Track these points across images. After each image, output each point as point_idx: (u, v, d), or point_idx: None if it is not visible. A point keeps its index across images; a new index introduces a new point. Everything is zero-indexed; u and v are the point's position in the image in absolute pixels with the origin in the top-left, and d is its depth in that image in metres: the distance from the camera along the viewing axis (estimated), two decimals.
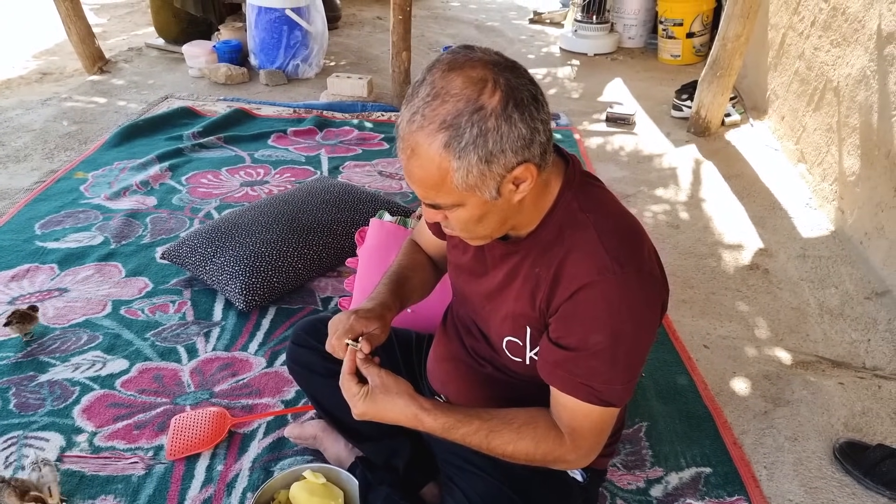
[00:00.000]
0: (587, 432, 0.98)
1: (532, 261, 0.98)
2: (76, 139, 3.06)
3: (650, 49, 4.73)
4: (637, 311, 0.92)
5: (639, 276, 0.91)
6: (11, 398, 1.60)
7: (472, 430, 0.99)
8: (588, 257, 0.92)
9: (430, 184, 0.86)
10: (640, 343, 0.96)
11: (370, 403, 0.99)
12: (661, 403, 1.67)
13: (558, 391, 0.98)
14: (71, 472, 1.42)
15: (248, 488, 1.40)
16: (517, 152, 0.84)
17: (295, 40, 3.85)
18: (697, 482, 1.46)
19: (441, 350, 1.27)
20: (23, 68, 4.00)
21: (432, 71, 0.85)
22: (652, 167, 3.03)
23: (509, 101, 0.81)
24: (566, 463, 1.01)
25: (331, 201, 2.27)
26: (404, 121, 0.85)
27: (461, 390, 1.21)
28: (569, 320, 0.94)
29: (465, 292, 1.15)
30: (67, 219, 2.37)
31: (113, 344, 1.79)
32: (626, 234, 0.95)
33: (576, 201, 0.96)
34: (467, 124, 0.81)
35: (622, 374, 0.95)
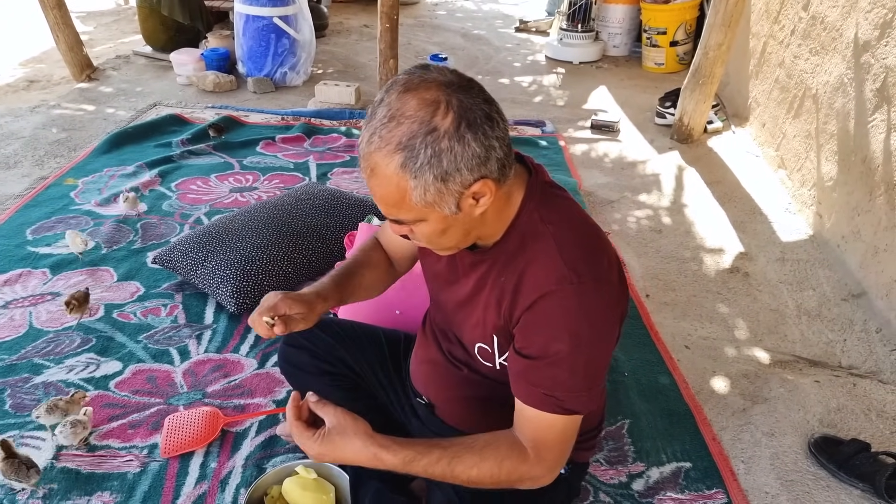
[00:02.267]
0: (551, 443, 0.99)
1: (498, 270, 1.01)
2: (66, 146, 3.08)
3: (634, 57, 4.83)
4: (595, 320, 0.95)
5: (596, 285, 0.94)
6: (7, 399, 1.62)
7: (433, 459, 0.97)
8: (546, 267, 0.94)
9: (390, 202, 0.90)
10: (600, 351, 0.98)
11: (327, 445, 0.97)
12: (643, 401, 1.72)
13: (522, 404, 0.99)
14: (67, 469, 1.44)
15: (242, 484, 1.43)
16: (472, 170, 0.86)
17: (283, 48, 3.89)
18: (678, 476, 1.51)
19: (421, 353, 1.30)
20: (9, 76, 4.00)
21: (389, 92, 0.87)
22: (636, 173, 3.10)
23: (462, 122, 0.84)
24: (532, 479, 1.01)
25: (320, 207, 2.30)
26: (364, 141, 0.88)
27: (441, 391, 1.25)
28: (529, 330, 0.97)
29: (440, 299, 1.18)
30: (58, 224, 2.39)
31: (106, 346, 1.81)
32: (585, 244, 0.98)
33: (537, 212, 0.98)
34: (421, 145, 0.84)
35: (583, 381, 0.96)
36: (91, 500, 1.38)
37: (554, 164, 3.07)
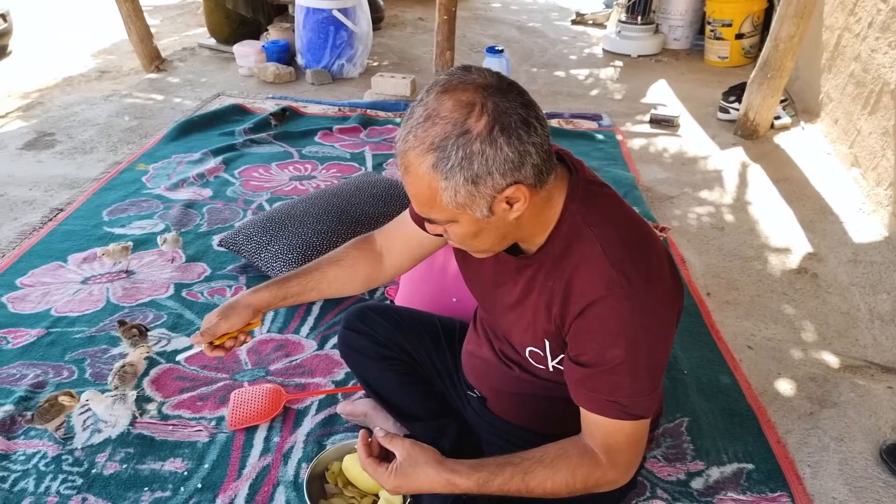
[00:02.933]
0: (623, 447, 0.98)
1: (545, 274, 0.99)
2: (137, 133, 3.22)
3: (696, 50, 4.69)
4: (650, 322, 0.93)
5: (648, 286, 0.92)
6: (87, 368, 1.72)
7: (506, 478, 0.97)
8: (594, 272, 0.92)
9: (422, 200, 0.89)
10: (658, 351, 0.96)
11: (401, 478, 0.98)
12: (702, 400, 1.68)
13: (587, 411, 0.99)
14: (143, 435, 1.53)
15: (303, 459, 1.47)
16: (505, 175, 0.85)
17: (341, 40, 3.96)
18: (739, 477, 1.48)
19: (472, 348, 1.30)
20: (83, 67, 4.21)
21: (429, 92, 0.87)
22: (696, 169, 3.02)
23: (495, 126, 0.83)
24: (608, 483, 1.00)
25: (377, 196, 2.34)
26: (400, 139, 0.88)
27: (493, 387, 1.25)
28: (583, 337, 0.95)
29: (486, 302, 1.17)
30: (132, 207, 2.51)
31: (176, 323, 1.90)
32: (633, 243, 0.95)
33: (580, 214, 0.96)
34: (453, 147, 0.83)
35: (645, 384, 0.95)
36: (164, 464, 1.46)
37: (611, 159, 3.03)
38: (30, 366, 1.73)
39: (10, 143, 3.08)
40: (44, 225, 2.39)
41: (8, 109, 3.52)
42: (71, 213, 2.46)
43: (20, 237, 2.32)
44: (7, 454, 1.47)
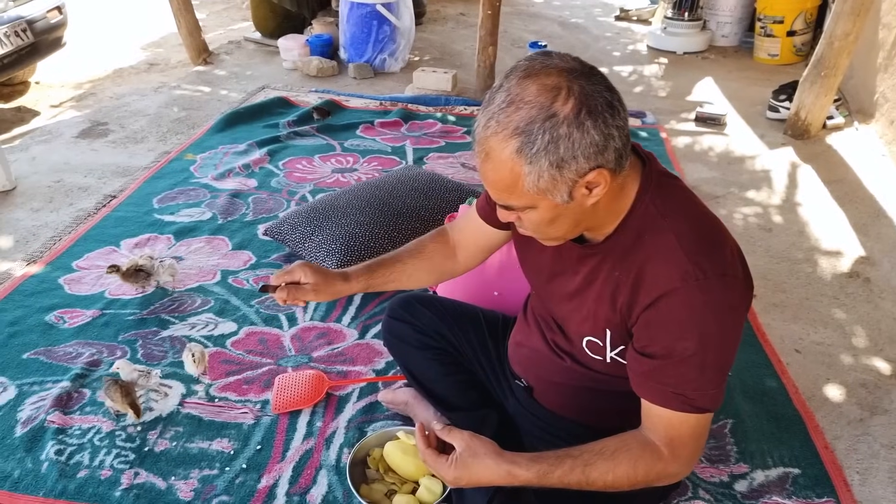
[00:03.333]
0: (687, 440, 0.97)
1: (611, 264, 0.99)
2: (185, 124, 3.31)
3: (745, 48, 4.58)
4: (722, 316, 0.92)
5: (722, 280, 0.91)
6: (139, 349, 1.79)
7: (566, 470, 0.97)
8: (668, 264, 0.92)
9: (502, 187, 0.90)
10: (728, 346, 0.95)
11: (461, 469, 1.00)
12: (748, 403, 1.65)
13: (650, 403, 0.98)
14: (191, 415, 1.58)
15: (345, 444, 1.51)
16: (589, 158, 0.85)
17: (383, 35, 3.99)
18: (785, 481, 1.45)
19: (521, 338, 1.30)
20: (133, 59, 4.34)
21: (509, 78, 0.87)
22: (743, 169, 2.95)
23: (582, 109, 0.83)
24: (670, 476, 1.00)
25: (419, 189, 2.36)
26: (480, 125, 0.88)
27: (541, 378, 1.25)
28: (652, 328, 0.95)
29: (543, 290, 1.17)
30: (180, 195, 2.58)
31: (223, 308, 1.95)
32: (707, 237, 0.94)
33: (653, 205, 0.95)
34: (539, 131, 0.83)
35: (713, 378, 0.94)
36: (212, 444, 1.51)
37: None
38: (85, 345, 1.80)
39: (66, 132, 3.20)
40: (98, 211, 2.49)
41: (62, 99, 3.66)
42: (123, 200, 2.55)
43: (76, 222, 2.42)
44: (63, 428, 1.54)
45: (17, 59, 3.31)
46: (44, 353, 1.77)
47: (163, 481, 1.41)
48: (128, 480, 1.41)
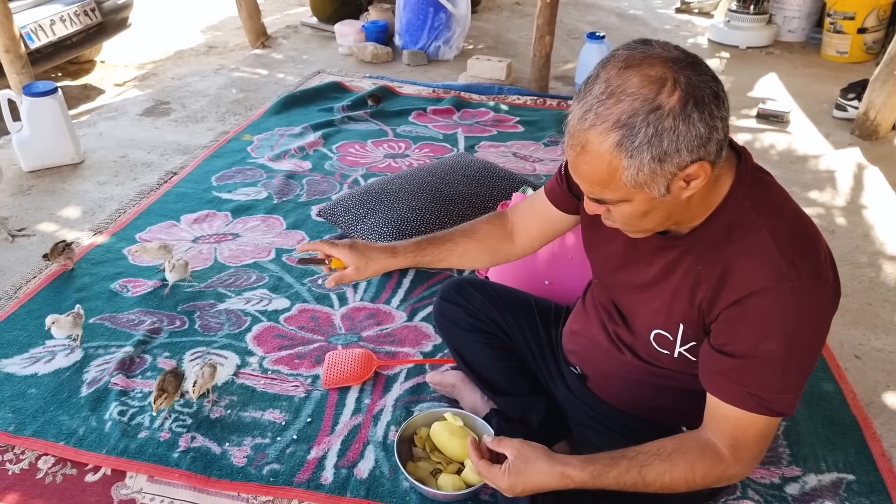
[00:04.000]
0: (751, 442, 0.96)
1: (694, 258, 0.96)
2: (243, 105, 3.40)
3: (812, 44, 4.39)
4: (813, 320, 0.90)
5: (816, 283, 0.88)
6: (197, 320, 1.86)
7: (621, 470, 0.97)
8: (761, 262, 0.89)
9: (597, 180, 0.88)
10: (814, 351, 0.93)
11: (515, 476, 1.00)
12: (803, 406, 1.61)
13: (719, 401, 0.96)
14: (245, 385, 1.64)
15: (392, 422, 1.54)
16: (692, 151, 0.83)
17: (439, 22, 3.99)
18: (838, 487, 1.41)
19: (579, 326, 1.29)
20: (193, 42, 4.46)
21: (607, 68, 0.85)
22: (806, 168, 2.85)
23: (689, 100, 0.81)
24: (729, 478, 0.99)
25: (471, 176, 2.36)
26: (576, 118, 0.86)
27: (598, 369, 1.24)
28: (736, 326, 0.92)
29: (611, 280, 1.15)
30: (237, 174, 2.66)
31: (277, 285, 2.01)
32: (803, 237, 0.91)
33: (748, 200, 0.93)
34: (642, 124, 0.81)
35: (794, 382, 0.92)
36: (264, 414, 1.56)
37: None
38: (147, 313, 1.88)
39: (131, 110, 3.33)
40: (160, 186, 2.58)
41: (126, 78, 3.80)
42: (183, 177, 2.64)
43: (139, 196, 2.52)
44: (126, 391, 1.62)
45: (86, 37, 3.45)
46: (109, 318, 1.86)
47: (218, 446, 1.47)
48: (185, 443, 1.47)
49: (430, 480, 1.35)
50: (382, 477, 1.40)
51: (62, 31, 3.24)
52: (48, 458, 1.45)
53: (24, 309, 1.89)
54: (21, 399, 1.59)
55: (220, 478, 1.39)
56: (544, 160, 2.83)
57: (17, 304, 1.92)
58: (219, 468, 1.42)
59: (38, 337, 1.78)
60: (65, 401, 1.58)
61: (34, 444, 1.47)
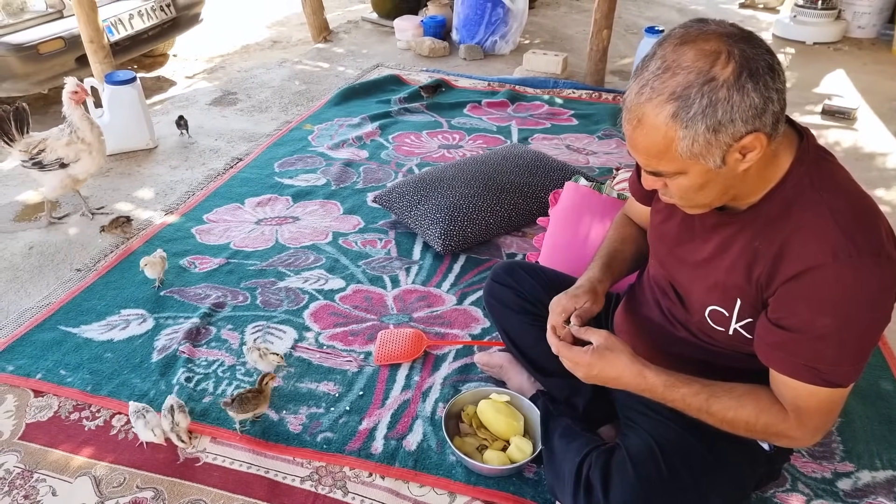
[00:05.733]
0: (813, 412, 0.96)
1: (752, 234, 0.97)
2: (305, 97, 3.52)
3: (884, 40, 4.20)
4: (872, 297, 0.89)
5: (876, 260, 0.88)
6: (258, 296, 1.96)
7: (692, 391, 1.01)
8: (820, 238, 0.89)
9: (653, 152, 0.90)
10: (872, 329, 0.92)
11: (597, 358, 1.05)
12: (859, 403, 1.57)
13: (778, 373, 0.97)
14: (301, 359, 1.72)
15: (440, 399, 1.58)
16: (747, 122, 0.84)
17: (496, 17, 4.02)
18: (892, 485, 1.38)
19: (632, 305, 1.30)
20: (258, 36, 4.64)
21: (663, 45, 0.87)
22: (873, 166, 2.74)
23: (743, 72, 0.82)
24: (790, 439, 1.00)
25: (524, 166, 2.38)
26: (633, 93, 0.88)
27: (648, 346, 1.24)
28: (793, 301, 0.92)
29: (668, 258, 1.16)
30: (298, 162, 2.76)
31: (333, 266, 2.09)
32: (863, 214, 0.91)
33: (808, 177, 0.93)
34: (697, 95, 0.83)
35: (851, 355, 0.92)
36: (319, 386, 1.63)
37: None
38: (212, 288, 2.00)
39: (201, 99, 3.50)
40: (226, 171, 2.71)
41: (196, 71, 4.00)
42: (248, 163, 2.76)
43: (207, 179, 2.65)
44: (192, 359, 1.72)
45: (161, 32, 3.65)
46: (178, 292, 1.98)
47: (275, 413, 1.55)
48: None
49: (475, 455, 1.39)
50: (430, 450, 1.45)
51: (139, 25, 3.45)
52: (121, 416, 1.56)
53: (102, 280, 2.04)
54: (98, 362, 1.71)
55: (276, 442, 1.47)
56: (598, 153, 2.82)
57: (96, 275, 2.06)
58: (276, 434, 1.50)
59: (115, 306, 1.92)
60: (137, 365, 1.70)
61: (109, 404, 1.59)
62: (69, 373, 1.68)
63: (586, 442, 1.23)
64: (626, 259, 1.30)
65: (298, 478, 1.40)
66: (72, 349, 1.76)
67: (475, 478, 1.38)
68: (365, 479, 1.39)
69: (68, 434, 1.51)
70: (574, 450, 1.20)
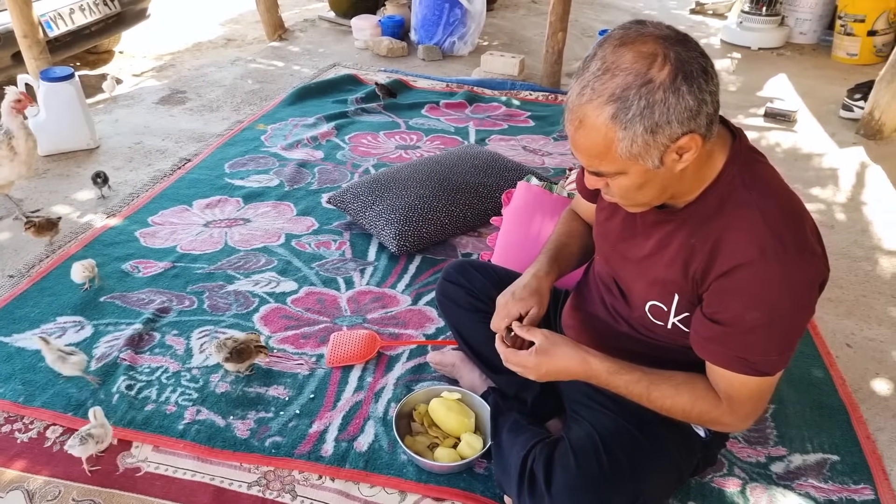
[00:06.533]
0: (745, 399, 1.01)
1: (689, 231, 1.00)
2: (258, 96, 3.45)
3: (823, 46, 4.37)
4: (797, 292, 0.93)
5: (801, 256, 0.91)
6: (206, 300, 1.90)
7: (634, 378, 1.05)
8: (749, 235, 0.92)
9: (594, 153, 0.91)
10: (798, 320, 0.97)
11: (542, 356, 1.08)
12: (792, 391, 1.64)
13: (712, 364, 1.01)
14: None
15: (392, 399, 1.56)
16: (683, 123, 0.86)
17: (454, 18, 4.02)
18: (822, 466, 1.44)
19: (577, 302, 1.33)
20: (212, 34, 4.53)
21: (603, 46, 0.88)
22: (810, 166, 2.85)
23: (678, 74, 0.84)
24: (723, 425, 1.06)
25: (479, 166, 2.38)
26: (574, 94, 0.90)
27: (594, 343, 1.24)
28: (724, 296, 0.96)
29: (611, 254, 1.18)
30: (250, 162, 2.70)
31: (285, 268, 2.05)
32: (790, 213, 0.95)
33: (740, 177, 0.96)
34: (635, 97, 0.85)
35: (778, 346, 0.96)
36: (269, 390, 1.59)
37: None
38: (157, 293, 1.93)
39: (147, 98, 3.39)
40: (173, 172, 2.63)
41: (144, 69, 3.87)
42: (197, 164, 2.68)
43: (152, 181, 2.57)
44: (133, 366, 1.66)
45: (104, 27, 3.51)
46: (119, 297, 1.90)
47: (222, 419, 1.50)
48: (190, 416, 1.51)
49: (426, 454, 1.38)
50: (381, 450, 1.43)
51: (81, 20, 3.31)
52: (56, 427, 1.49)
53: (37, 287, 1.95)
54: (31, 372, 1.63)
55: (223, 448, 1.43)
56: (553, 154, 2.84)
57: (30, 281, 1.97)
58: (222, 440, 1.45)
59: (50, 314, 1.83)
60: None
61: (43, 415, 1.51)
62: (0, 384, 1.59)
63: (533, 435, 1.24)
64: (573, 253, 1.32)
65: (245, 483, 1.36)
66: (3, 359, 1.67)
67: (426, 476, 1.36)
68: (314, 482, 1.36)
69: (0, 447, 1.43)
70: (520, 443, 1.20)
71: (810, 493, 1.37)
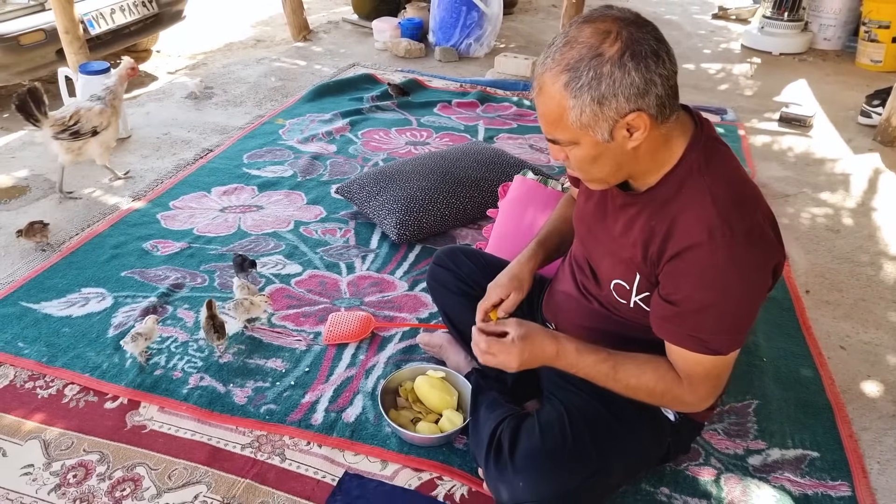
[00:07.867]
0: (702, 377, 1.06)
1: (649, 214, 1.06)
2: (280, 92, 3.59)
3: (848, 52, 4.35)
4: (745, 273, 0.98)
5: (748, 238, 0.96)
6: (216, 278, 2.03)
7: (600, 358, 1.10)
8: (699, 218, 0.98)
9: (550, 119, 0.99)
10: (747, 302, 1.01)
11: (521, 343, 1.10)
12: (777, 388, 1.66)
13: (669, 343, 1.07)
14: (253, 337, 1.79)
15: (382, 376, 1.66)
16: (630, 99, 0.93)
17: (471, 20, 4.12)
18: (801, 462, 1.46)
19: (556, 283, 1.40)
20: (243, 35, 4.71)
21: (572, 24, 0.98)
22: (821, 170, 2.85)
23: (627, 51, 0.91)
24: (685, 404, 1.11)
25: (482, 162, 2.47)
26: (539, 63, 0.99)
27: (568, 320, 1.34)
28: (676, 277, 1.02)
29: (586, 235, 1.25)
30: (267, 154, 2.83)
31: (292, 252, 2.16)
32: (741, 200, 1.00)
33: (697, 163, 1.01)
34: (585, 68, 0.92)
35: (730, 325, 1.01)
36: (267, 362, 1.70)
37: None
38: (172, 270, 2.06)
39: (177, 93, 3.56)
40: (195, 161, 2.78)
41: (178, 67, 4.05)
42: (218, 154, 2.83)
43: (176, 169, 2.72)
44: None
45: (143, 27, 3.71)
46: (138, 273, 2.04)
47: (223, 386, 1.62)
48: (194, 382, 1.63)
49: (409, 427, 1.46)
50: (367, 422, 1.52)
51: (121, 20, 3.50)
52: (74, 386, 1.62)
53: (66, 261, 2.10)
54: (55, 336, 1.77)
55: (221, 412, 1.54)
56: None
57: (60, 255, 2.12)
58: (221, 405, 1.56)
59: (76, 285, 1.98)
60: (93, 340, 1.76)
61: (63, 374, 1.65)
62: (26, 345, 1.74)
63: (507, 411, 1.31)
64: (563, 234, 1.40)
65: (239, 445, 1.47)
66: (31, 324, 1.82)
67: (408, 447, 1.45)
68: (303, 448, 1.46)
69: (22, 401, 1.57)
70: (494, 418, 1.28)
71: (785, 486, 1.39)
